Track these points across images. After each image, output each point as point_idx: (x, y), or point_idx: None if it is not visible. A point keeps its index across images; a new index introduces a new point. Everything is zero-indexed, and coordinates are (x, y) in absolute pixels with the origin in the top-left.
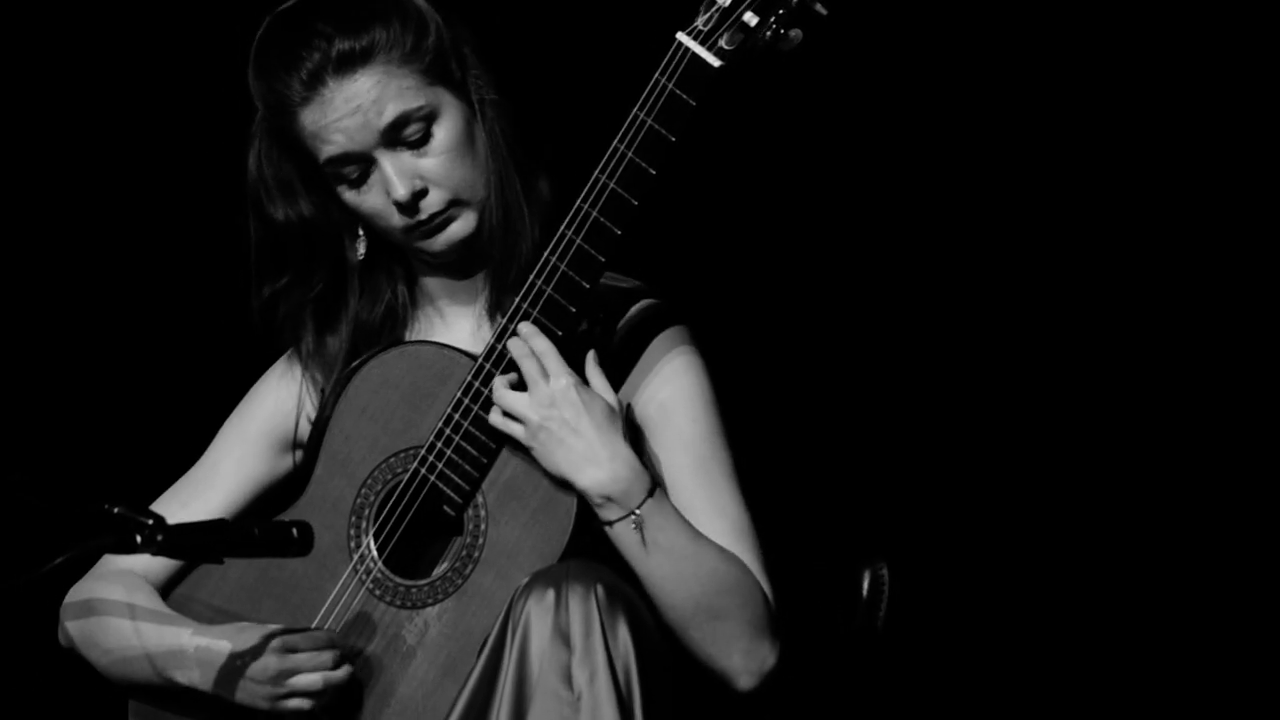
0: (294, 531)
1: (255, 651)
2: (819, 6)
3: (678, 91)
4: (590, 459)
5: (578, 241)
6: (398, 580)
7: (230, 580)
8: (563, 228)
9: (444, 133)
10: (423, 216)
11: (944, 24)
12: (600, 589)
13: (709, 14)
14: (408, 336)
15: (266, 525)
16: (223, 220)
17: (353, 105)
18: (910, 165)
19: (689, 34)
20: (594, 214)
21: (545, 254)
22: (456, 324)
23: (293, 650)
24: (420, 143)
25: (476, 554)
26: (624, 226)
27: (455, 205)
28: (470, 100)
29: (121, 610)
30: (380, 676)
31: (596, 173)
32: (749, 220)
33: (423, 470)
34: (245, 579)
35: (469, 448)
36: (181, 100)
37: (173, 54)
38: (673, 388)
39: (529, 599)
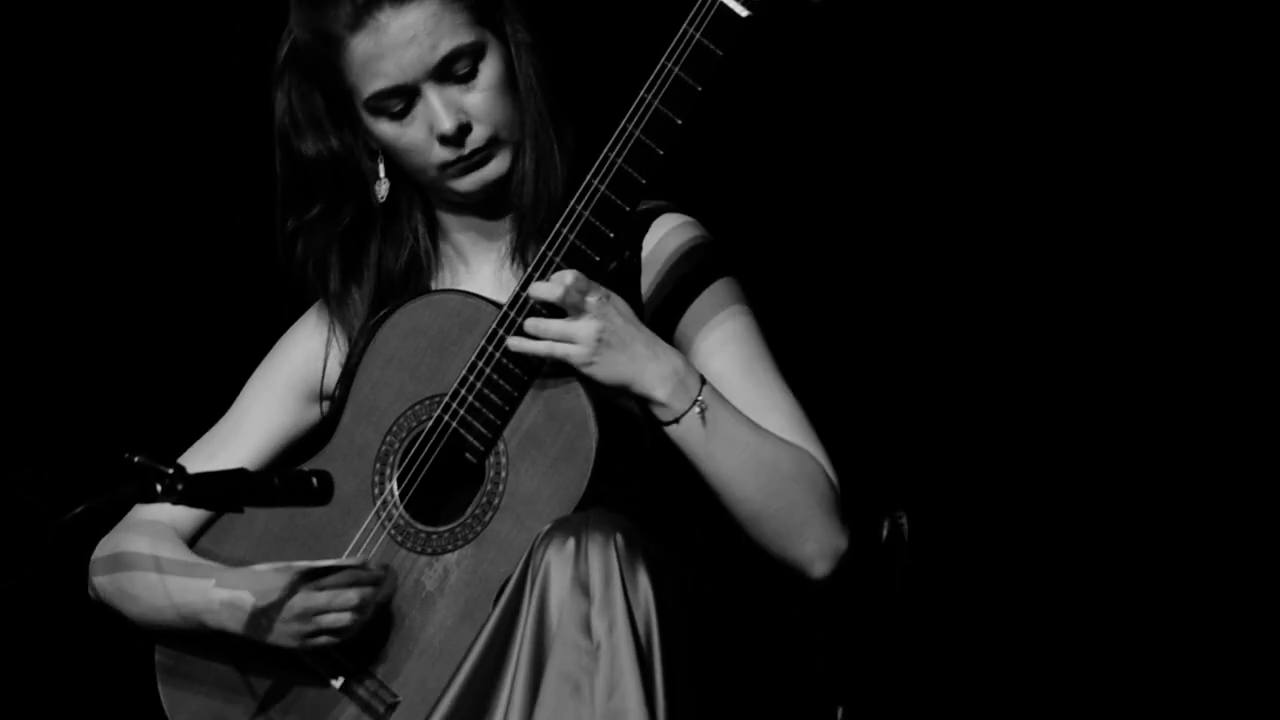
0: (314, 480)
1: (281, 590)
2: None
3: (705, 41)
4: (651, 357)
5: (603, 190)
6: (419, 526)
7: (257, 528)
8: (589, 177)
9: (490, 70)
10: (464, 151)
11: None
12: (620, 538)
13: None
14: (433, 286)
15: (286, 474)
16: (247, 175)
17: (408, 35)
18: (933, 135)
19: None
20: (620, 163)
21: (571, 203)
22: (479, 268)
23: (318, 588)
24: (467, 78)
25: (496, 501)
26: (649, 175)
27: (494, 144)
28: (508, 43)
29: (148, 561)
30: (401, 621)
31: (624, 122)
32: (777, 174)
33: (446, 417)
34: (271, 526)
35: (492, 395)
36: (198, 64)
37: (200, 19)
38: (706, 298)
39: (548, 548)
